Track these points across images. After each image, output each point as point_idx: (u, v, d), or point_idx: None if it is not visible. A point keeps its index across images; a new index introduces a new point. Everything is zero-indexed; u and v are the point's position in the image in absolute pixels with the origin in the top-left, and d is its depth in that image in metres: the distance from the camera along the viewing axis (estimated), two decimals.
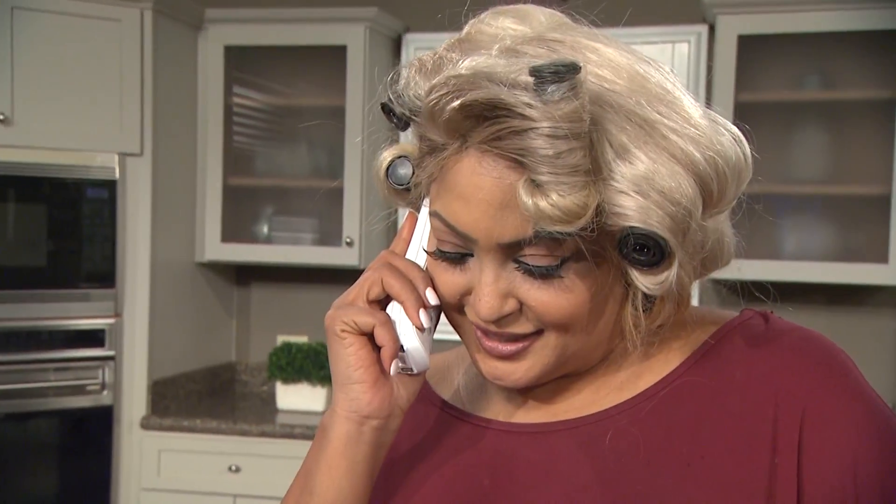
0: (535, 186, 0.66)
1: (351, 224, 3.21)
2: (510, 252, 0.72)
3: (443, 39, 0.80)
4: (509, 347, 0.76)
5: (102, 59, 3.00)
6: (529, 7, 0.76)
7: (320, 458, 0.80)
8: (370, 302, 0.79)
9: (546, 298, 0.72)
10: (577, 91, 0.64)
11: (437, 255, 0.77)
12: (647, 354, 0.80)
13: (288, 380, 3.26)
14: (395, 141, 0.86)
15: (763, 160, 0.80)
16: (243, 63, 3.40)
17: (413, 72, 0.75)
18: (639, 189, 0.68)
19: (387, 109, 0.81)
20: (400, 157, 0.85)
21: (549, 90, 0.64)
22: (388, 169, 0.85)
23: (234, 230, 3.38)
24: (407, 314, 0.78)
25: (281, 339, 3.48)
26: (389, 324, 0.78)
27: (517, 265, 0.72)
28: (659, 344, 0.80)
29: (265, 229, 3.45)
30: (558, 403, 0.82)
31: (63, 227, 3.00)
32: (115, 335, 3.07)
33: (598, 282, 0.73)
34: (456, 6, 0.87)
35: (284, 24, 3.26)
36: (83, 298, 3.01)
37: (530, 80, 0.64)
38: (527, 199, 0.66)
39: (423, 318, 0.78)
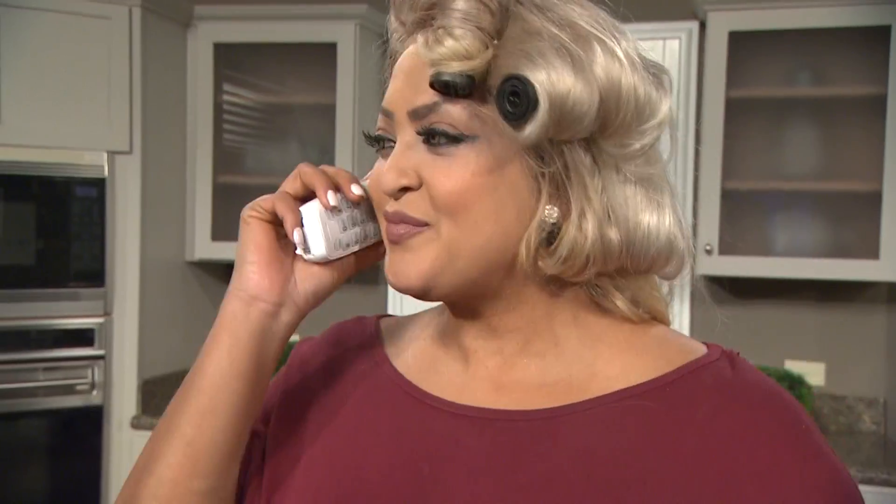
0: (436, 35, 0.73)
1: None
2: (419, 124, 0.76)
3: None
4: (402, 227, 0.77)
5: (91, 56, 2.98)
6: None
7: (210, 334, 0.82)
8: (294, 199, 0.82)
9: (442, 170, 0.75)
10: None
11: (370, 144, 0.82)
12: (605, 354, 0.79)
13: None
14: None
15: (754, 156, 0.80)
16: (233, 60, 3.39)
17: None
18: (528, 56, 0.72)
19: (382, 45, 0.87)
20: None
21: None
22: None
23: (224, 229, 3.37)
24: (317, 194, 0.80)
25: None
26: (288, 198, 0.81)
27: (422, 138, 0.76)
28: (620, 350, 0.79)
29: None
30: (506, 384, 0.81)
31: (52, 226, 2.98)
32: (104, 334, 3.05)
33: (494, 175, 0.75)
34: None
35: (274, 21, 3.25)
36: (73, 297, 2.99)
37: None
38: (424, 45, 0.74)
39: (331, 197, 0.80)
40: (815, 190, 3.01)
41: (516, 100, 0.72)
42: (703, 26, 3.05)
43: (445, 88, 0.73)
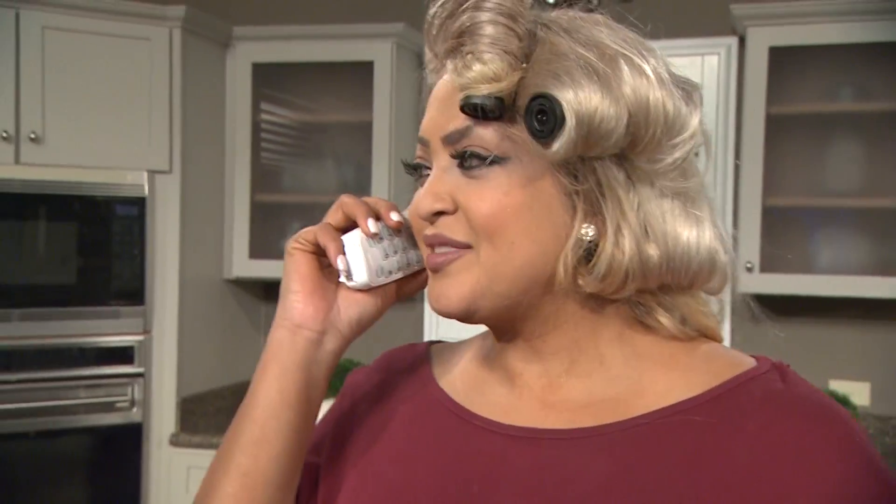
0: (465, 61, 0.75)
1: None
2: (452, 148, 0.78)
3: None
4: (440, 257, 0.79)
5: (131, 77, 3.02)
6: None
7: (259, 364, 0.84)
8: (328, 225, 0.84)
9: (478, 194, 0.76)
10: None
11: (409, 172, 0.84)
12: (650, 370, 0.79)
13: None
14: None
15: (795, 173, 0.79)
16: (271, 80, 3.41)
17: None
18: (555, 76, 0.73)
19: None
20: None
21: None
22: None
23: (261, 246, 3.38)
24: (358, 222, 0.82)
25: None
26: (330, 228, 0.83)
27: (457, 162, 0.78)
28: (666, 368, 0.78)
29: None
30: (553, 404, 0.80)
31: (93, 245, 3.02)
32: (144, 352, 3.07)
33: (529, 192, 0.75)
34: None
35: (312, 40, 3.27)
36: (113, 315, 3.02)
37: None
38: (454, 71, 0.75)
39: (371, 224, 0.82)
40: (857, 206, 2.96)
41: (544, 117, 0.73)
42: (742, 42, 3.02)
43: (475, 111, 0.75)
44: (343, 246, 0.82)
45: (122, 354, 3.04)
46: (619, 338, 0.80)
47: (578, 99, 0.72)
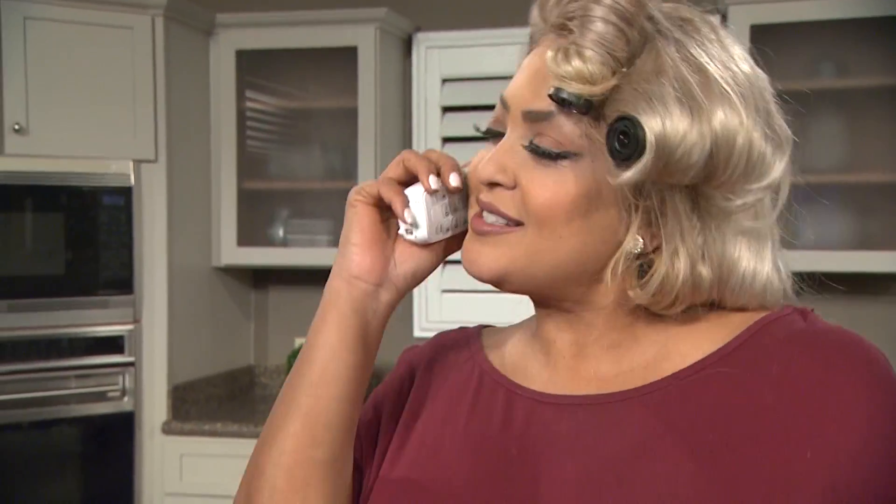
0: (566, 52, 0.74)
1: None
2: (529, 126, 0.78)
3: (452, 38, 0.85)
4: (488, 226, 0.81)
5: (115, 66, 3.01)
6: None
7: (317, 314, 0.85)
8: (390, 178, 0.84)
9: (537, 180, 0.77)
10: None
11: (482, 131, 0.84)
12: (675, 334, 0.81)
13: None
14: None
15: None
16: (255, 67, 3.41)
17: None
18: (648, 99, 0.73)
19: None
20: None
21: None
22: None
23: (249, 234, 3.39)
24: (420, 179, 0.82)
25: (298, 341, 3.48)
26: (393, 183, 0.83)
27: (528, 146, 0.78)
28: (691, 327, 0.80)
29: (280, 232, 3.45)
30: (583, 373, 0.83)
31: (80, 235, 3.01)
32: (134, 341, 3.08)
33: (588, 195, 0.76)
34: (464, 6, 0.90)
35: (295, 26, 3.26)
36: (102, 305, 3.02)
37: None
38: (553, 56, 0.74)
39: (433, 181, 0.81)
40: (839, 182, 2.99)
41: (625, 140, 0.73)
42: (724, 20, 3.03)
43: (562, 104, 0.75)
44: (407, 200, 0.83)
45: (113, 344, 3.04)
46: (650, 314, 0.81)
47: (665, 130, 0.72)
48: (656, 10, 0.76)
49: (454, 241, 0.88)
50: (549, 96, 0.75)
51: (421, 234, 0.83)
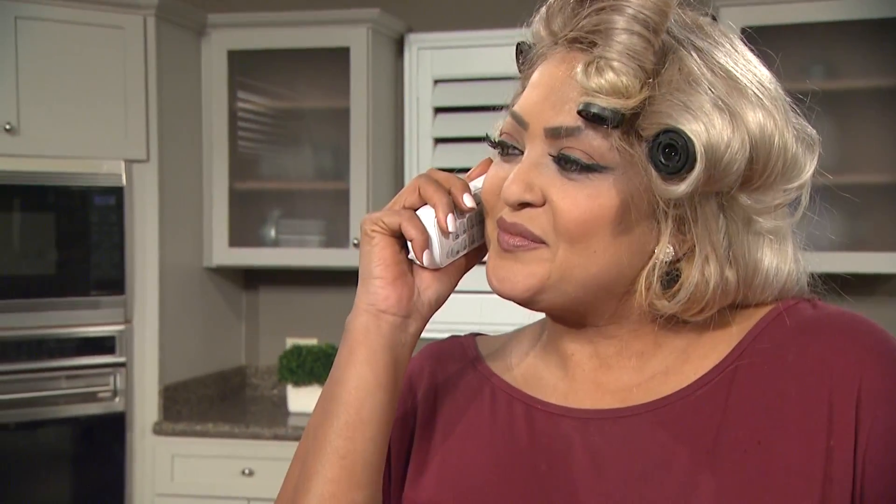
0: (597, 63, 0.72)
1: (358, 225, 3.20)
2: (552, 143, 0.76)
3: (445, 39, 0.84)
4: (518, 240, 0.78)
5: (106, 66, 3.01)
6: None
7: (342, 351, 0.82)
8: (405, 208, 0.82)
9: (570, 196, 0.75)
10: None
11: (494, 146, 0.82)
12: (695, 338, 0.81)
13: (299, 382, 3.27)
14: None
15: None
16: (247, 67, 3.41)
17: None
18: (687, 109, 0.72)
19: (516, 54, 0.85)
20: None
21: None
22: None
23: (241, 234, 3.39)
24: (436, 215, 0.80)
25: (290, 341, 3.48)
26: (416, 218, 0.80)
27: (554, 159, 0.76)
28: (708, 324, 0.81)
29: (272, 233, 3.45)
30: (606, 385, 0.83)
31: (71, 235, 3.01)
32: (125, 342, 3.07)
33: (621, 209, 0.75)
34: (456, 6, 0.89)
35: (287, 27, 3.26)
36: (93, 306, 3.02)
37: None
38: (583, 71, 0.72)
39: (451, 221, 0.79)
40: (831, 183, 2.99)
41: (672, 154, 0.72)
42: (714, 21, 3.04)
43: (593, 119, 0.73)
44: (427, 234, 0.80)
45: (104, 344, 3.04)
46: (670, 320, 0.81)
47: (711, 139, 0.72)
48: (675, 17, 0.75)
49: (468, 258, 0.86)
50: (580, 112, 0.73)
51: (434, 260, 0.82)
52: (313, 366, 3.23)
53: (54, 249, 3.00)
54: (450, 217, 0.79)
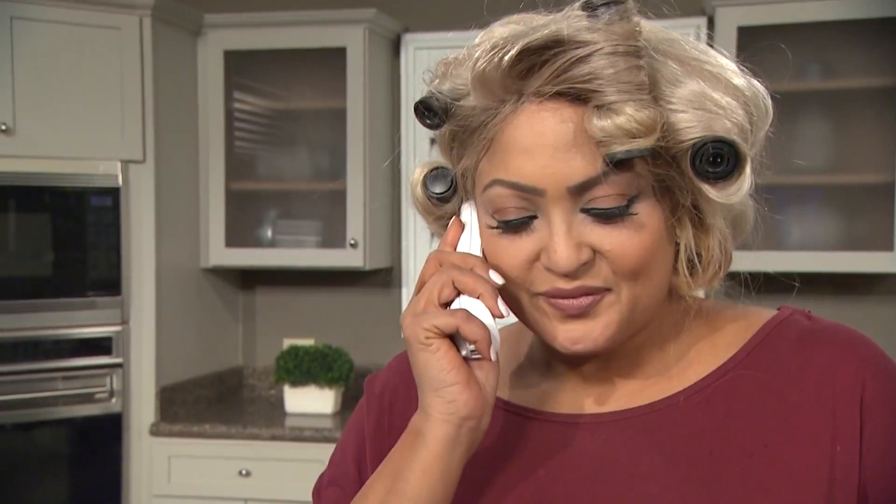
0: (606, 109, 0.69)
1: (355, 225, 3.21)
2: (578, 198, 0.73)
3: (441, 39, 0.82)
4: (586, 300, 0.75)
5: (103, 67, 3.00)
6: (536, 15, 0.78)
7: (413, 461, 0.77)
8: (442, 305, 0.78)
9: (621, 239, 0.73)
10: (629, 14, 0.70)
11: (500, 227, 0.76)
12: (696, 341, 0.82)
13: (296, 383, 3.27)
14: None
15: (764, 151, 0.82)
16: (243, 67, 3.41)
17: (448, 67, 0.78)
18: (698, 104, 0.72)
19: (422, 109, 0.79)
20: (434, 169, 0.85)
21: (602, 16, 0.69)
22: (425, 182, 0.84)
23: (238, 235, 3.38)
24: (486, 305, 0.76)
25: (287, 342, 3.48)
26: (473, 317, 0.76)
27: (586, 213, 0.73)
28: (704, 333, 0.82)
29: (269, 233, 3.45)
30: (607, 392, 0.83)
31: (67, 236, 3.00)
32: (122, 342, 3.07)
33: (662, 225, 0.75)
34: (453, 6, 0.88)
35: (283, 27, 3.26)
36: (89, 306, 3.01)
37: (582, 13, 0.70)
38: (599, 122, 0.69)
39: (502, 306, 0.76)
40: (827, 183, 3.00)
41: (720, 160, 0.72)
42: (711, 22, 3.05)
43: (621, 164, 0.71)
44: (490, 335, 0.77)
45: (100, 345, 3.03)
46: (675, 320, 0.82)
47: (739, 124, 0.74)
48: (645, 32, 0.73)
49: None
50: (611, 161, 0.70)
51: (496, 350, 0.78)
52: (310, 366, 3.23)
53: (51, 250, 3.00)
54: (500, 301, 0.76)
